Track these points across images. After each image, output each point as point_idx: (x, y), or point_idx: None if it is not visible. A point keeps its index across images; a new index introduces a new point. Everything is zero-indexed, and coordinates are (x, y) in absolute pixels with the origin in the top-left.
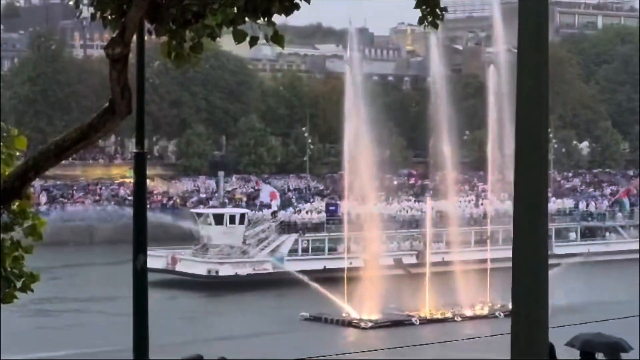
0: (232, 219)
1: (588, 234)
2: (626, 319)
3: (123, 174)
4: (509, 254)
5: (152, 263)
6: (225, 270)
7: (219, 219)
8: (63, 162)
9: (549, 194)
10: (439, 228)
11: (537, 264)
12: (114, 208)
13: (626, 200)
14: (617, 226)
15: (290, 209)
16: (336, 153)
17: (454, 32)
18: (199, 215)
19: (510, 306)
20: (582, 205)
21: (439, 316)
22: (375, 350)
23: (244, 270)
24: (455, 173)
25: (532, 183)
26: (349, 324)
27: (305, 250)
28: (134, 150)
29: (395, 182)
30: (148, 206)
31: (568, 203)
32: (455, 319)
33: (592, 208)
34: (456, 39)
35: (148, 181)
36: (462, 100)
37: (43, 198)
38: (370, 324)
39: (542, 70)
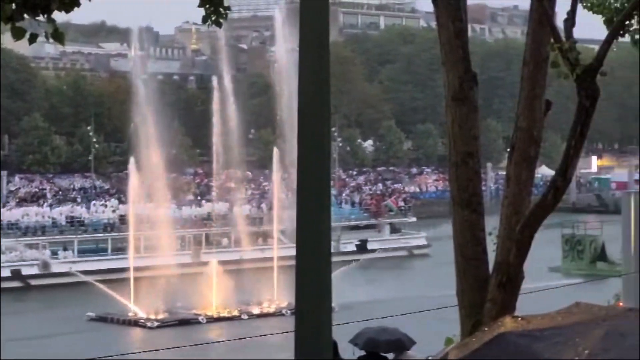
0: None
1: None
2: None
3: None
4: (145, 262)
5: None
6: None
7: None
8: None
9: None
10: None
11: (320, 262)
12: None
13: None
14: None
15: None
16: (122, 152)
17: (238, 31)
18: None
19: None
20: (237, 209)
21: (226, 314)
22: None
23: None
24: (240, 172)
25: (315, 181)
26: (135, 323)
27: None
28: None
29: (183, 181)
30: None
31: (222, 207)
32: (242, 317)
33: (247, 211)
34: (241, 38)
35: None
36: (247, 99)
37: None
38: (157, 324)
39: (323, 70)
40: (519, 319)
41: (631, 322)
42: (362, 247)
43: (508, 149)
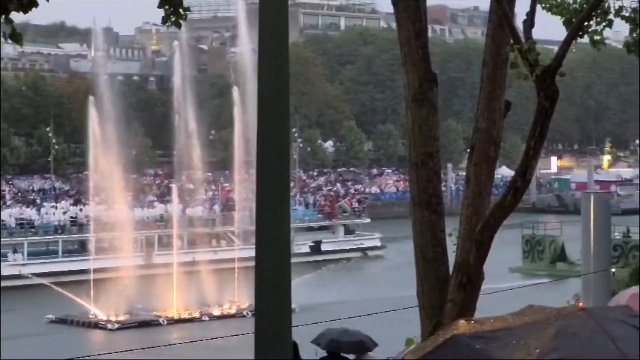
0: None
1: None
2: None
3: None
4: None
5: None
6: None
7: None
8: None
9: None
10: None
11: (279, 263)
12: None
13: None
14: (229, 233)
15: None
16: (81, 153)
17: (199, 31)
18: None
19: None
20: (190, 211)
21: (186, 316)
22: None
23: None
24: (201, 172)
25: (275, 183)
26: (95, 325)
27: None
28: None
29: (144, 183)
30: None
31: (175, 208)
32: (203, 318)
33: (200, 212)
34: (201, 39)
35: None
36: (207, 100)
37: None
38: (117, 325)
39: (283, 71)
40: (472, 321)
41: (582, 321)
42: (316, 249)
43: (468, 150)
